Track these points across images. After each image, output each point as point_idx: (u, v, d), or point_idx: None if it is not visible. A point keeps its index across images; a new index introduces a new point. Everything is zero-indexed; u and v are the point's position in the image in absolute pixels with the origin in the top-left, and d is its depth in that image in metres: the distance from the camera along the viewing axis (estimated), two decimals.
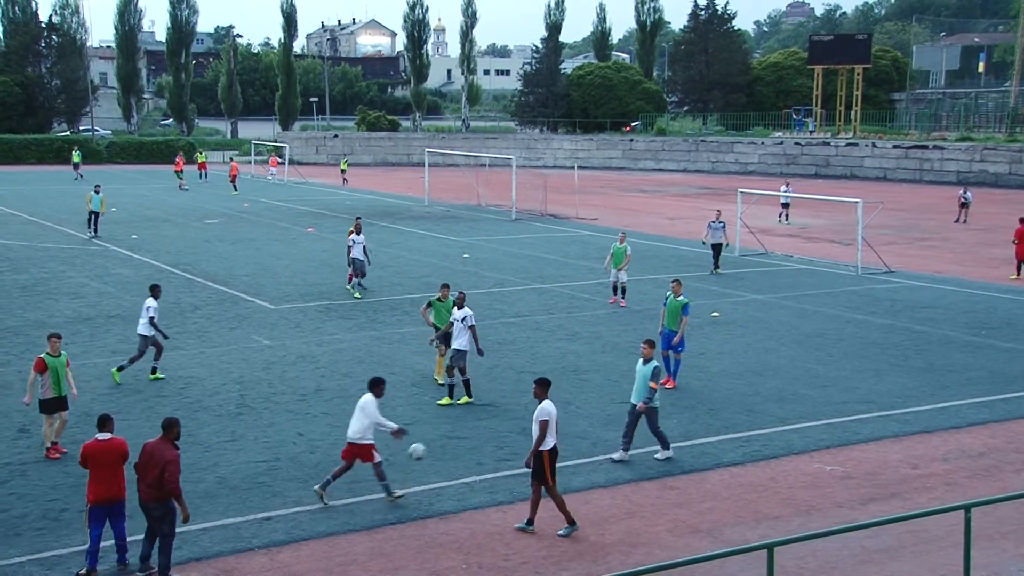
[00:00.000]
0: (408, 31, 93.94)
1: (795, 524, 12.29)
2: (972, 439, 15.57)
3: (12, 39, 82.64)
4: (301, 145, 78.53)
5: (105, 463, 10.78)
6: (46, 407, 14.23)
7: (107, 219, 38.52)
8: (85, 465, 10.86)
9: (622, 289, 24.94)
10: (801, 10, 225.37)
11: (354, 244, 25.73)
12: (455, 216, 44.58)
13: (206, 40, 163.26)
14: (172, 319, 22.94)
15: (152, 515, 10.69)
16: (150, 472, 10.61)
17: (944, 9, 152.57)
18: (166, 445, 10.71)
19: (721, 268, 29.84)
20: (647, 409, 14.07)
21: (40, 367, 14.12)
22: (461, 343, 16.69)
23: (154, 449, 10.75)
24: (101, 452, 10.81)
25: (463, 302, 17.08)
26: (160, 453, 10.65)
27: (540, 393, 12.22)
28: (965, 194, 43.85)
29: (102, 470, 10.77)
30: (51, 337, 14.52)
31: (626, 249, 24.77)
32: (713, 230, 29.82)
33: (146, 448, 10.88)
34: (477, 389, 17.29)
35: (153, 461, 10.64)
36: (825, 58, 72.20)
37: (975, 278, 29.69)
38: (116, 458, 10.85)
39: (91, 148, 75.11)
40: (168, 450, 10.68)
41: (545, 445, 11.92)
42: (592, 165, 74.47)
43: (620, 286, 24.91)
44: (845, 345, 21.22)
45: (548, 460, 11.93)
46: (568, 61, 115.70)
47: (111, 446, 10.87)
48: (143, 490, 10.67)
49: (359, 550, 11.53)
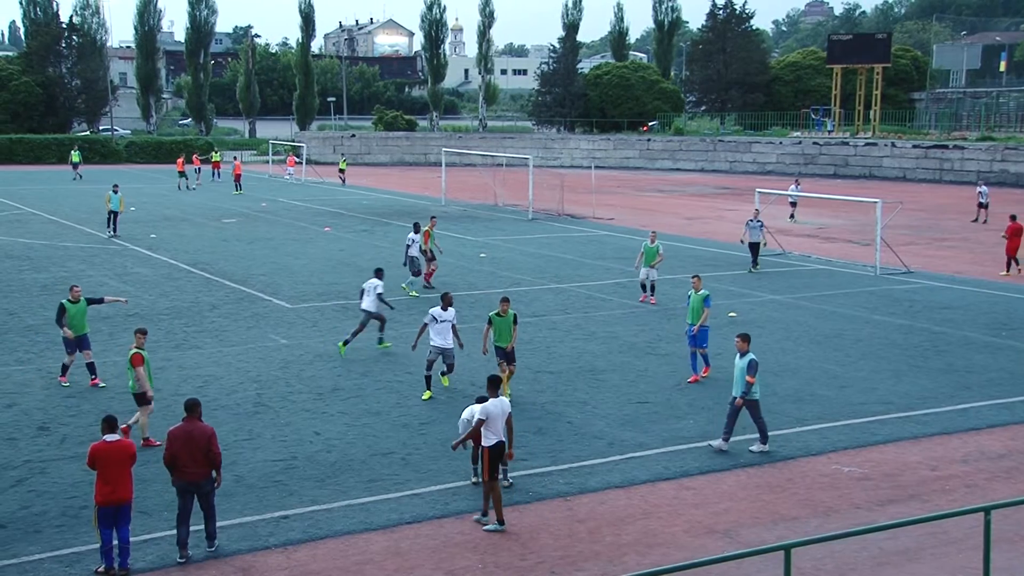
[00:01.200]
0: (425, 31, 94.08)
1: (813, 525, 12.23)
2: (992, 441, 15.45)
3: (34, 40, 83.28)
4: (319, 145, 78.78)
5: (112, 464, 10.78)
6: (142, 399, 14.67)
7: (126, 218, 38.77)
8: (93, 466, 10.87)
9: (651, 287, 25.12)
10: (820, 9, 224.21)
11: (412, 243, 26.22)
12: (472, 216, 44.61)
13: (225, 40, 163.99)
14: (190, 318, 23.07)
15: (203, 491, 11.20)
16: (196, 450, 11.08)
17: (965, 8, 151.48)
18: (197, 422, 11.28)
19: (759, 267, 30.08)
20: (746, 402, 14.34)
21: (139, 361, 14.49)
22: (446, 341, 16.95)
23: (192, 429, 11.21)
24: (109, 453, 10.81)
25: (450, 302, 17.32)
26: (199, 430, 11.22)
27: (489, 392, 12.44)
28: (981, 190, 43.44)
29: (109, 471, 10.76)
30: (137, 332, 14.95)
31: (658, 248, 24.99)
32: (751, 229, 30.10)
33: (178, 433, 11.20)
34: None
35: (194, 439, 11.13)
36: (844, 57, 71.81)
37: (995, 279, 29.46)
38: (124, 459, 10.85)
39: (110, 148, 75.65)
40: (204, 425, 11.35)
41: (487, 441, 12.12)
42: (609, 165, 74.35)
43: (650, 284, 25.09)
44: (863, 346, 21.10)
45: (487, 457, 12.13)
46: (585, 61, 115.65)
47: (119, 447, 10.87)
48: (192, 471, 11.09)
49: (375, 549, 11.55)
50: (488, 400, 12.35)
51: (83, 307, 17.42)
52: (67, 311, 17.23)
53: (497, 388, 12.49)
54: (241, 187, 54.42)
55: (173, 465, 11.14)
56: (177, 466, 11.11)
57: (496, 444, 12.15)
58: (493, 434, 12.15)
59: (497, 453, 12.17)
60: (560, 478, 13.64)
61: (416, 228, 26.61)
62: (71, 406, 16.57)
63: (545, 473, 13.78)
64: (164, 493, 12.63)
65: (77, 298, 17.40)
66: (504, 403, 12.40)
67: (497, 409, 12.26)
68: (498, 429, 12.20)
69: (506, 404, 12.44)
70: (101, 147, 75.63)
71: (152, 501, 12.59)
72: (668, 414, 16.41)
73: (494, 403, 12.28)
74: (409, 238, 26.45)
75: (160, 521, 12.04)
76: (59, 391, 17.33)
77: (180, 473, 11.11)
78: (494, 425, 12.18)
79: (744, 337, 14.63)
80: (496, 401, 12.31)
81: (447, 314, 17.03)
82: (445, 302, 17.26)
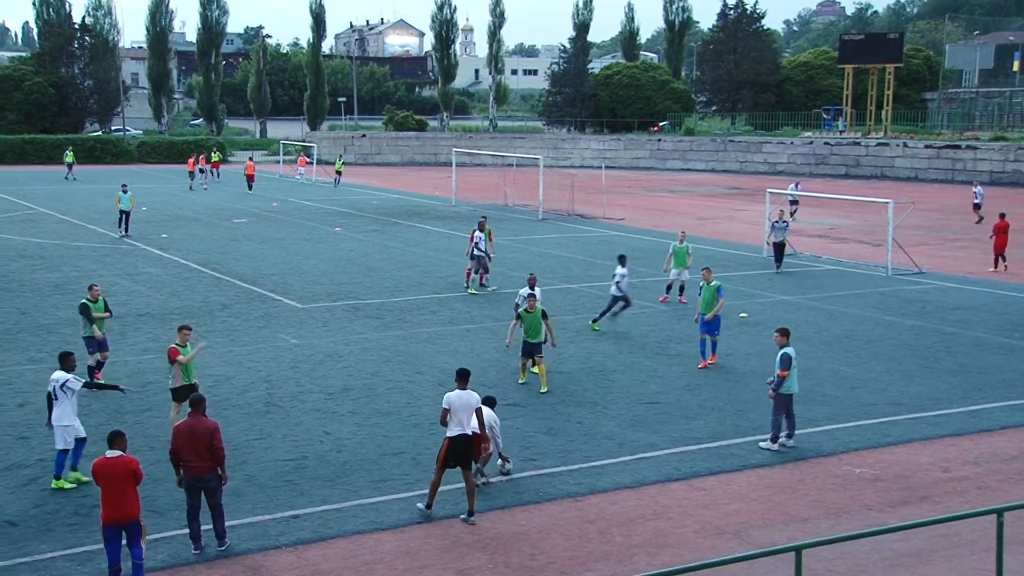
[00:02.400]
0: (436, 31, 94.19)
1: (824, 526, 12.19)
2: (1005, 442, 15.37)
3: (46, 40, 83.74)
4: (329, 145, 78.90)
5: (113, 481, 10.37)
6: (177, 394, 14.77)
7: (137, 218, 38.91)
8: (97, 483, 10.54)
9: (681, 287, 25.23)
10: (832, 9, 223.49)
11: (480, 240, 26.65)
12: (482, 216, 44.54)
13: (236, 41, 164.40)
14: (201, 318, 23.13)
15: (209, 486, 11.25)
16: (200, 445, 11.12)
17: (978, 7, 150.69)
18: (201, 418, 11.29)
19: (783, 268, 30.14)
20: (777, 396, 14.57)
21: (174, 355, 14.64)
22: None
23: (195, 424, 11.26)
24: (108, 470, 10.39)
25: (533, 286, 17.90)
26: (202, 425, 11.25)
27: (457, 383, 12.57)
28: (977, 190, 43.57)
29: (110, 489, 10.36)
30: (181, 329, 15.10)
31: (687, 248, 25.14)
32: (777, 230, 30.30)
33: (182, 428, 11.31)
34: (503, 389, 17.36)
35: (197, 435, 11.17)
36: (856, 57, 71.57)
37: (1008, 280, 29.32)
38: (124, 476, 10.39)
39: (122, 148, 75.90)
40: (207, 420, 11.34)
41: (449, 432, 12.22)
42: (619, 165, 74.25)
43: (680, 284, 25.21)
44: (874, 346, 21.02)
45: (445, 446, 12.24)
46: (596, 61, 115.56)
47: (119, 464, 10.42)
48: (196, 466, 11.15)
49: (385, 548, 11.56)
50: (455, 392, 12.43)
51: (101, 306, 17.84)
52: (90, 310, 17.63)
53: (466, 381, 12.53)
54: (252, 187, 54.59)
55: (177, 459, 11.27)
56: (181, 460, 11.23)
57: (457, 436, 12.19)
58: (456, 426, 12.22)
59: (457, 445, 12.19)
60: (570, 478, 13.63)
61: (481, 226, 27.04)
62: (83, 405, 16.55)
63: (555, 473, 13.78)
64: (175, 492, 12.66)
65: (96, 297, 17.79)
66: (471, 396, 12.41)
67: (460, 401, 12.31)
68: (462, 421, 12.24)
69: (473, 398, 12.43)
70: (113, 147, 75.91)
71: (163, 500, 12.64)
72: (678, 415, 16.39)
73: (458, 395, 12.37)
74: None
75: (171, 520, 12.08)
76: None
77: (184, 468, 11.23)
78: (456, 416, 12.24)
79: (783, 332, 14.99)
80: (461, 393, 12.38)
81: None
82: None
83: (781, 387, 14.54)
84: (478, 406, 12.47)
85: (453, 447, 12.20)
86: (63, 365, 13.33)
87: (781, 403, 14.63)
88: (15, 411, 16.30)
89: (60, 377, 13.13)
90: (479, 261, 26.57)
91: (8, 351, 20.04)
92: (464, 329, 22.23)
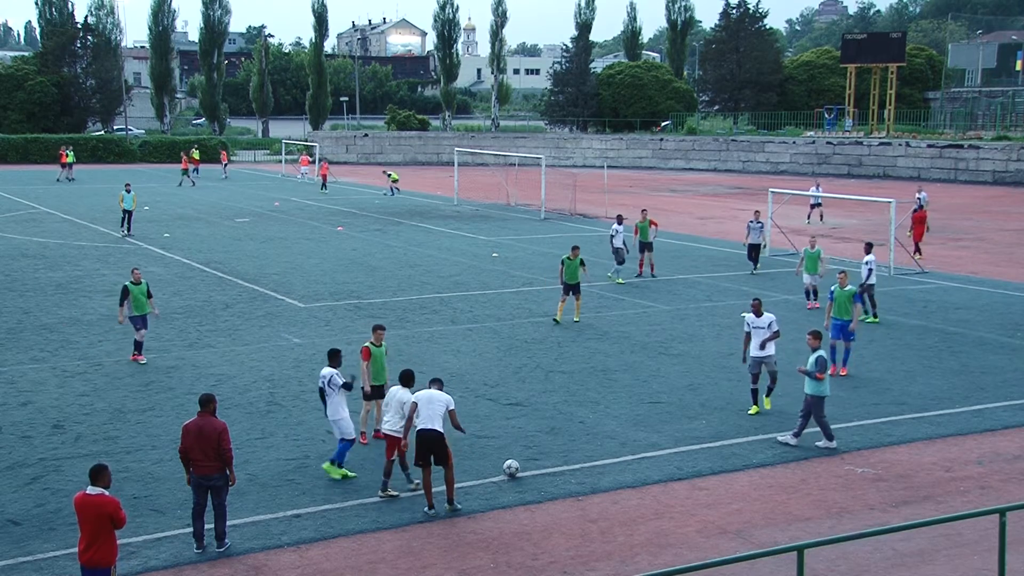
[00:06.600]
0: (438, 30, 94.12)
1: (826, 526, 12.19)
2: (1007, 442, 15.35)
3: (49, 40, 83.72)
4: (331, 144, 78.88)
5: (87, 520, 9.26)
6: (366, 394, 14.87)
7: (140, 217, 38.94)
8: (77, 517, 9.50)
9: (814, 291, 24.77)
10: (834, 8, 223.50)
11: (616, 234, 27.34)
12: (484, 215, 44.61)
13: (238, 40, 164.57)
14: (203, 317, 23.15)
15: (215, 486, 11.27)
16: (208, 445, 11.17)
17: (981, 6, 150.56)
18: (210, 418, 11.33)
19: (759, 269, 29.70)
20: (813, 398, 14.64)
21: (367, 355, 14.71)
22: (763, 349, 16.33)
23: (203, 424, 11.30)
24: (88, 509, 9.27)
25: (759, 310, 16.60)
26: (210, 425, 11.29)
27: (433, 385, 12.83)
28: (920, 196, 37.98)
29: (88, 528, 9.27)
30: (376, 328, 15.09)
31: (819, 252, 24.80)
32: (752, 230, 29.74)
33: (191, 427, 11.35)
34: (505, 388, 17.34)
35: (206, 434, 11.22)
36: (858, 57, 71.45)
37: (1011, 279, 29.28)
38: (101, 517, 9.24)
39: (125, 147, 75.92)
40: (216, 420, 11.36)
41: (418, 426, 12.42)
42: (622, 165, 74.22)
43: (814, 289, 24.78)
44: (877, 346, 21.01)
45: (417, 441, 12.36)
46: (598, 60, 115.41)
47: (97, 503, 9.26)
48: (204, 465, 11.20)
49: (388, 548, 11.57)
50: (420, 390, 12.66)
51: (144, 288, 19.13)
52: (130, 292, 18.90)
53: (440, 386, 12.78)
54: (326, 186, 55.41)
55: (187, 458, 11.33)
56: (190, 459, 11.29)
57: (417, 432, 12.32)
58: (417, 420, 12.39)
59: (422, 441, 12.28)
60: (572, 478, 13.63)
61: (619, 219, 27.69)
62: (85, 404, 16.65)
63: (557, 473, 13.78)
64: (177, 491, 12.70)
65: (138, 280, 19.10)
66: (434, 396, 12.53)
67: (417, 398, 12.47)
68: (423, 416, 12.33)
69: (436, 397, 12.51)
70: (115, 147, 75.97)
71: (165, 499, 12.66)
72: (680, 414, 16.38)
73: (424, 392, 12.57)
74: (613, 229, 27.73)
75: (173, 519, 12.10)
76: (73, 389, 17.43)
77: (193, 467, 11.29)
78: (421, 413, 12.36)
79: (815, 334, 15.06)
80: (425, 391, 12.59)
81: (761, 320, 16.31)
82: (756, 309, 16.50)
83: (816, 390, 14.60)
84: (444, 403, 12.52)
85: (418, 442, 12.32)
86: (331, 362, 13.64)
87: (819, 405, 14.65)
88: (18, 410, 16.31)
89: (327, 373, 13.49)
90: (618, 253, 27.53)
91: (11, 350, 20.05)
92: (466, 328, 22.23)
